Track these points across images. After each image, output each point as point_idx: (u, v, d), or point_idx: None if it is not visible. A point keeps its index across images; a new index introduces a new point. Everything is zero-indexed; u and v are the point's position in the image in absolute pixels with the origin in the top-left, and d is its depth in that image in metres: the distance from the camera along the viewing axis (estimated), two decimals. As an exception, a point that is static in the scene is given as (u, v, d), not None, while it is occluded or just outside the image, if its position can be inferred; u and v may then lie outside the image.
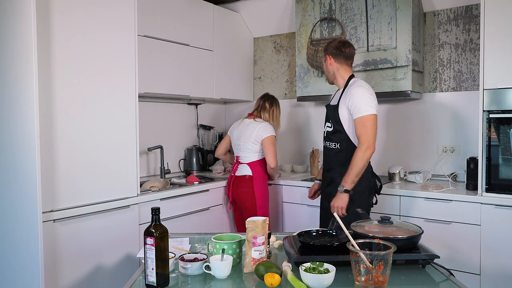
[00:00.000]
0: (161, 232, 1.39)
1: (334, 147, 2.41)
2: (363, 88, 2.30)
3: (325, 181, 2.51)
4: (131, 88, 2.52)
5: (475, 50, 3.05)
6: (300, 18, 3.39)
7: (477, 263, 2.54)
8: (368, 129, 2.25)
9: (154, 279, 1.38)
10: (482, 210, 2.52)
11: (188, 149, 3.76)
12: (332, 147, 2.42)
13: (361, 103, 2.25)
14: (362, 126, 2.25)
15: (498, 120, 2.50)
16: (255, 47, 4.09)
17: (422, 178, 3.02)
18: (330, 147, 2.43)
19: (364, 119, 2.25)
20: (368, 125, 2.25)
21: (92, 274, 2.31)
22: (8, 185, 2.14)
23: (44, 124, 2.08)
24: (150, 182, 2.95)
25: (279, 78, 3.96)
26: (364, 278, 1.32)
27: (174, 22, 3.22)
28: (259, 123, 3.03)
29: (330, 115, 2.43)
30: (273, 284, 1.34)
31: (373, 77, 3.06)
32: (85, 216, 2.27)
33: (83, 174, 2.28)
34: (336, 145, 2.40)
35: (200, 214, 3.03)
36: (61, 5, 2.16)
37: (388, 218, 1.68)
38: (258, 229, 1.52)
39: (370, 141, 2.24)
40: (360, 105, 2.25)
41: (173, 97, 3.45)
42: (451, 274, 1.48)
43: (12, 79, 2.09)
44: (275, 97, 3.21)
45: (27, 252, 2.06)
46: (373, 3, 3.05)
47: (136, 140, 2.55)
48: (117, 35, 2.44)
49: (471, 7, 3.05)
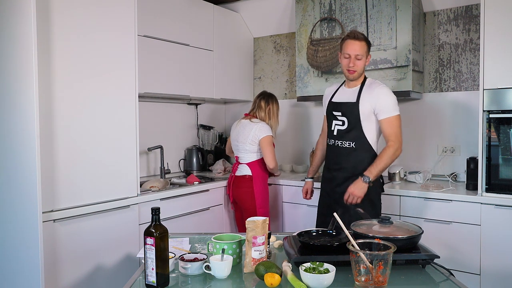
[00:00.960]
0: (161, 232, 1.39)
1: (348, 145, 2.35)
2: (388, 89, 2.34)
3: (335, 181, 2.42)
4: (131, 88, 2.52)
5: (475, 50, 3.05)
6: (300, 18, 3.39)
7: (477, 263, 2.54)
8: (398, 129, 2.31)
9: (154, 279, 1.38)
10: (482, 210, 2.52)
11: (188, 149, 3.75)
12: (346, 145, 2.36)
13: (390, 103, 2.29)
14: (391, 126, 2.29)
15: (498, 120, 2.50)
16: (255, 47, 4.09)
17: (422, 178, 3.02)
18: (343, 146, 2.36)
19: (393, 119, 2.29)
20: (397, 126, 2.31)
21: (92, 274, 2.31)
22: (8, 185, 2.14)
23: (44, 124, 2.08)
24: (150, 182, 2.95)
25: (279, 78, 3.96)
26: (364, 278, 1.32)
27: (174, 22, 3.22)
28: (255, 124, 3.02)
29: (346, 112, 2.35)
30: (273, 284, 1.34)
31: (373, 77, 3.04)
32: (85, 216, 2.27)
33: (83, 174, 2.28)
34: (351, 144, 2.34)
35: (200, 214, 3.03)
36: (61, 5, 2.16)
37: (388, 218, 1.68)
38: (258, 229, 1.52)
39: (401, 142, 2.32)
40: (390, 106, 2.29)
41: (173, 97, 3.45)
42: (451, 274, 1.48)
43: (12, 79, 2.09)
44: (273, 94, 3.17)
45: (27, 252, 2.06)
46: (373, 3, 3.05)
47: (136, 140, 2.55)
48: (117, 35, 2.44)
49: (471, 7, 3.05)
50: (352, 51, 2.30)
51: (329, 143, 2.47)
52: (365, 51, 2.32)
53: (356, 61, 2.31)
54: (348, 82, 2.44)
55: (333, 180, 2.43)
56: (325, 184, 2.52)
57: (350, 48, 2.31)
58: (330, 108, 2.45)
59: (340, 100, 2.41)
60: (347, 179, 2.35)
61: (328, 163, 2.50)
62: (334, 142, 2.42)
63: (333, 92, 2.50)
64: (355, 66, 2.32)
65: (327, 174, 2.50)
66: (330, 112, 2.44)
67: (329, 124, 2.47)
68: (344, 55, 2.34)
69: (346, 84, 2.46)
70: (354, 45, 2.30)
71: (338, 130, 2.39)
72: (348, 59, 2.32)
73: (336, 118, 2.40)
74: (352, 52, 2.31)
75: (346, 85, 2.47)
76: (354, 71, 2.33)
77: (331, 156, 2.46)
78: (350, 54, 2.31)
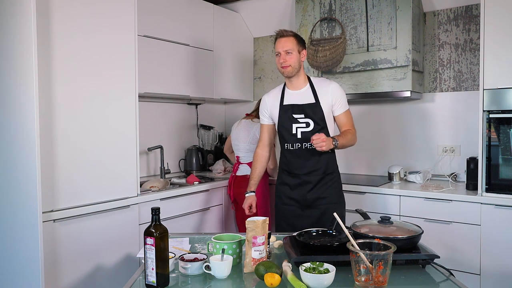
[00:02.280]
0: (161, 232, 1.39)
1: None
2: (338, 84, 2.40)
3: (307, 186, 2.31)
4: (131, 88, 2.52)
5: (475, 50, 3.05)
6: (300, 18, 3.39)
7: (477, 263, 2.54)
8: (352, 120, 2.40)
9: (154, 279, 1.38)
10: (482, 210, 2.52)
11: (188, 149, 3.75)
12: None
13: (344, 97, 2.37)
14: (349, 118, 2.38)
15: (498, 120, 2.50)
16: (255, 47, 4.09)
17: (422, 178, 3.02)
18: (312, 148, 2.21)
19: (349, 112, 2.39)
20: (352, 117, 2.40)
21: (92, 274, 2.31)
22: (8, 185, 2.14)
23: (44, 124, 2.08)
24: (150, 182, 2.95)
25: (279, 78, 3.96)
26: (364, 278, 1.32)
27: (174, 22, 3.22)
28: (256, 124, 3.03)
29: (308, 113, 2.29)
30: (273, 284, 1.34)
31: (373, 77, 3.06)
32: (85, 216, 2.27)
33: (83, 174, 2.28)
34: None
35: (200, 214, 3.03)
36: (61, 5, 2.16)
37: (388, 218, 1.68)
38: (258, 229, 1.52)
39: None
40: (345, 99, 2.37)
41: (173, 97, 3.45)
42: (451, 274, 1.48)
43: (12, 79, 2.09)
44: None
45: (27, 252, 2.06)
46: (373, 3, 3.05)
47: (136, 140, 2.55)
48: (117, 34, 2.44)
49: (471, 7, 3.05)
50: (280, 48, 2.29)
51: (290, 148, 2.33)
52: (294, 45, 2.28)
53: (287, 55, 2.28)
54: (290, 84, 2.37)
55: (304, 185, 2.32)
56: (290, 191, 2.37)
57: (278, 46, 2.31)
58: (287, 112, 2.34)
59: (298, 102, 2.33)
60: (320, 181, 2.31)
61: (292, 169, 2.35)
62: (301, 146, 2.30)
63: (279, 97, 2.39)
64: (287, 62, 2.28)
65: (293, 181, 2.35)
66: (287, 117, 2.33)
67: (286, 129, 2.34)
68: (276, 54, 2.33)
69: (289, 86, 2.38)
70: (280, 42, 2.31)
71: (303, 132, 2.29)
72: (279, 56, 2.31)
73: (297, 121, 2.31)
74: (280, 48, 2.29)
75: (289, 88, 2.38)
76: (287, 65, 2.28)
77: (295, 161, 2.33)
78: (279, 51, 2.30)
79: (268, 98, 2.46)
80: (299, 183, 2.34)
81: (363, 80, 3.10)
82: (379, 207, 2.84)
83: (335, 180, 2.37)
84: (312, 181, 2.32)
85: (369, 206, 2.84)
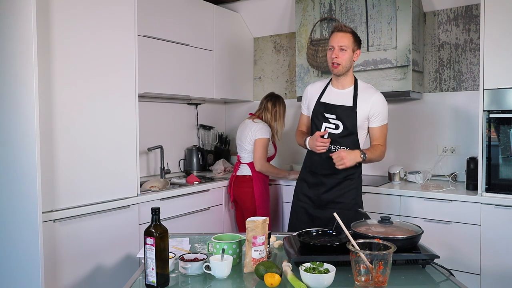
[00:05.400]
0: (161, 232, 1.39)
1: None
2: (383, 96, 2.30)
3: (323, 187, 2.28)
4: (131, 88, 2.52)
5: (475, 50, 3.05)
6: (300, 18, 3.39)
7: (477, 263, 2.54)
8: (386, 136, 2.33)
9: (154, 279, 1.38)
10: (482, 210, 2.52)
11: (188, 149, 3.75)
12: None
13: (386, 111, 2.29)
14: (384, 133, 2.30)
15: (498, 120, 2.50)
16: (255, 47, 4.09)
17: (422, 178, 3.02)
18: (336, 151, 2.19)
19: (386, 126, 2.31)
20: (386, 133, 2.33)
21: (92, 274, 2.31)
22: (8, 185, 2.14)
23: (44, 124, 2.08)
24: (150, 182, 2.95)
25: (279, 78, 3.96)
26: (364, 278, 1.32)
27: (174, 22, 3.22)
28: (256, 124, 3.02)
29: (342, 116, 2.22)
30: (273, 284, 1.34)
31: (373, 77, 3.06)
32: (85, 216, 2.27)
33: (83, 174, 2.28)
34: (346, 149, 2.20)
35: (200, 214, 3.03)
36: (61, 5, 2.16)
37: (388, 218, 1.68)
38: (258, 229, 1.52)
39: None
40: (386, 114, 2.29)
41: (173, 97, 3.45)
42: (451, 274, 1.48)
43: (12, 79, 2.09)
44: (280, 96, 3.18)
45: (27, 252, 2.06)
46: (373, 3, 3.05)
47: (136, 140, 2.55)
48: (117, 35, 2.44)
49: (471, 7, 3.05)
50: (335, 42, 2.18)
51: None
52: (350, 43, 2.19)
53: (340, 52, 2.18)
54: (335, 81, 2.30)
55: (321, 186, 2.30)
56: (307, 189, 2.36)
57: (333, 40, 2.20)
58: (320, 109, 2.28)
59: (333, 102, 2.26)
60: (338, 184, 2.27)
61: (314, 167, 2.32)
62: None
63: (320, 92, 2.34)
64: (339, 58, 2.18)
65: (312, 179, 2.33)
66: (320, 114, 2.28)
67: (316, 125, 2.30)
68: (329, 47, 2.23)
69: (334, 83, 2.31)
70: (337, 36, 2.19)
71: (331, 134, 2.24)
72: (332, 51, 2.20)
73: (328, 121, 2.25)
74: (335, 43, 2.19)
75: (333, 85, 2.32)
76: (338, 64, 2.19)
77: (318, 160, 2.28)
78: (333, 45, 2.19)
79: (311, 89, 2.40)
80: (316, 183, 2.32)
81: (363, 80, 3.09)
82: (379, 207, 2.84)
83: (354, 187, 2.29)
84: (328, 183, 2.28)
85: (369, 206, 2.84)
